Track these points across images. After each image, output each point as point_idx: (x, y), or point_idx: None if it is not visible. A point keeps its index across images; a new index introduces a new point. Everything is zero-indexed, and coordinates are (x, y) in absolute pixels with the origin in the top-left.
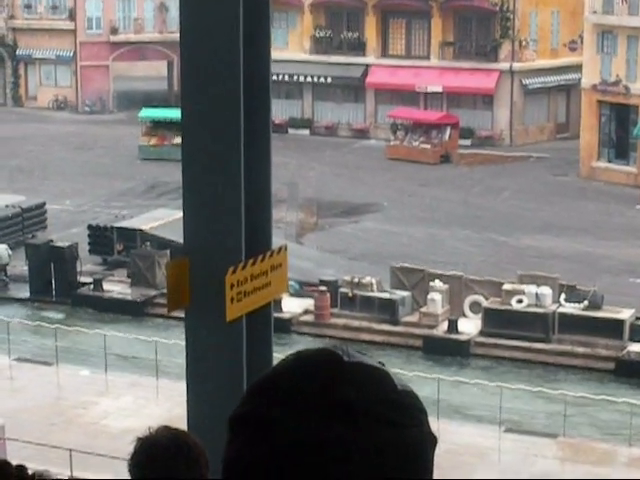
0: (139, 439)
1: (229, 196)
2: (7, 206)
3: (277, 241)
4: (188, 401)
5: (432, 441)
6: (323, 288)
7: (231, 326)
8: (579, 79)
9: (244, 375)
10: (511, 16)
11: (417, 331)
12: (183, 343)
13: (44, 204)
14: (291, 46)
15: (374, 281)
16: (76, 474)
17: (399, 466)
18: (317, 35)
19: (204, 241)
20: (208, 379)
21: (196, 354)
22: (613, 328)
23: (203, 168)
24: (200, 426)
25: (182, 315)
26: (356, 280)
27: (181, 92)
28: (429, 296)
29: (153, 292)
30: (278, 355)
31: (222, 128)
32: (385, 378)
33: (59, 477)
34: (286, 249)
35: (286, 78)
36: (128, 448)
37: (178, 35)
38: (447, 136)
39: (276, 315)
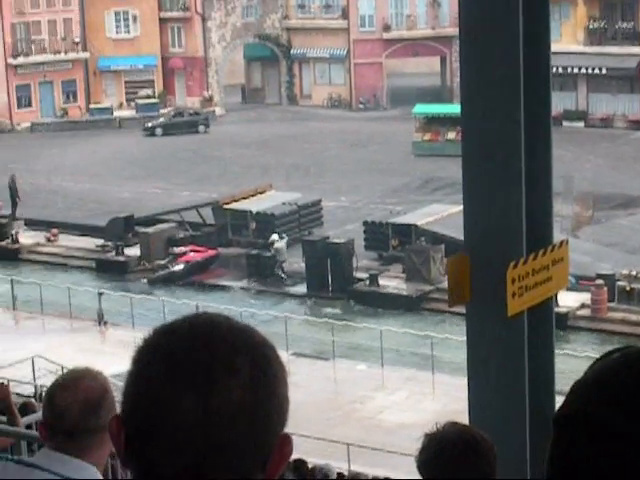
0: (427, 435)
1: (510, 190)
2: (284, 203)
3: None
4: (469, 396)
5: None
6: (600, 282)
7: (512, 321)
8: None
9: (526, 370)
10: None
11: None
12: (459, 338)
13: (320, 201)
14: (564, 38)
15: None
16: (354, 468)
17: None
18: (591, 26)
19: (485, 236)
20: (490, 374)
21: (477, 349)
22: None
23: (483, 163)
24: (482, 421)
25: (457, 310)
26: (634, 273)
27: (461, 89)
28: None
29: (428, 287)
30: (557, 350)
31: (502, 123)
32: None
33: (338, 471)
34: (567, 243)
35: (560, 70)
36: (404, 443)
37: (450, 30)
38: None
39: None
